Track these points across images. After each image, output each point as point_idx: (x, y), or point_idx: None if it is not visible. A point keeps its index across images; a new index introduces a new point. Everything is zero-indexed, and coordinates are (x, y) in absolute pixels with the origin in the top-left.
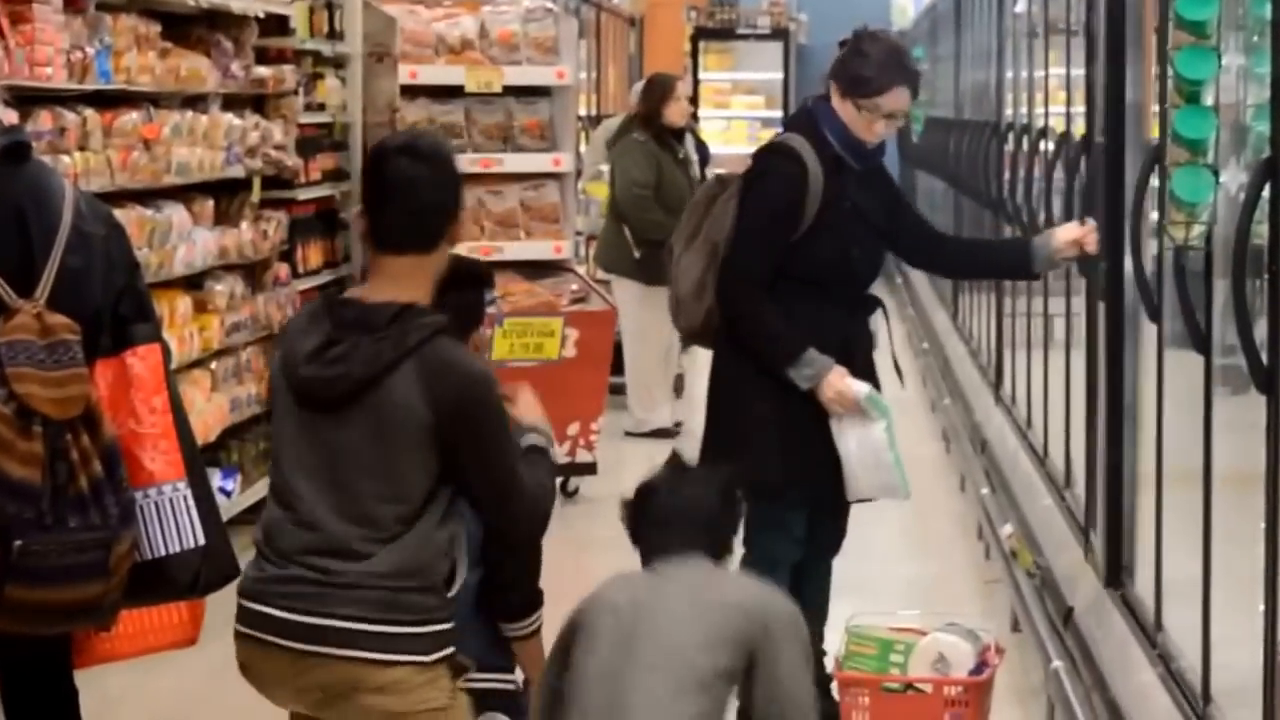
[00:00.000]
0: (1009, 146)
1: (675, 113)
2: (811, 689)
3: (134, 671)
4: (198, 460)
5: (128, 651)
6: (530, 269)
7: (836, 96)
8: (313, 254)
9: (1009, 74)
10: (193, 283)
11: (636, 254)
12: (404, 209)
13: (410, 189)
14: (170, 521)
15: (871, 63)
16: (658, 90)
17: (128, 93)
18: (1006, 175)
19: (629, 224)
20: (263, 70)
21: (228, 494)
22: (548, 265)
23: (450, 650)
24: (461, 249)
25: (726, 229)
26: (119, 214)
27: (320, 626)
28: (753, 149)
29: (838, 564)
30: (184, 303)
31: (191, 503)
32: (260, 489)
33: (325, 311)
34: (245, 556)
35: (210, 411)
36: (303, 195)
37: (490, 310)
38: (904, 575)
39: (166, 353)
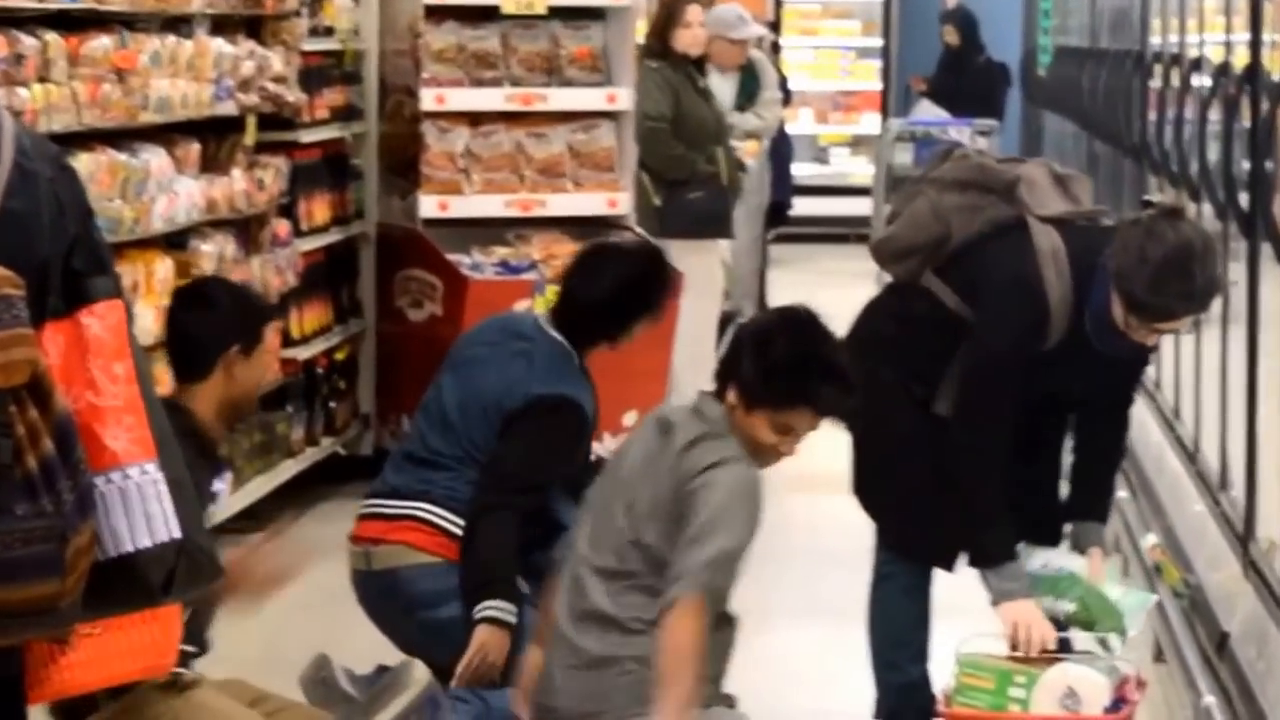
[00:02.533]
0: (1155, 81)
1: (685, 40)
2: None
3: None
4: (169, 440)
5: (91, 680)
6: (579, 226)
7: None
8: (318, 208)
9: None
10: (174, 242)
11: (657, 200)
12: None
13: None
14: (138, 511)
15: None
16: (662, 13)
17: (97, 13)
18: (1152, 116)
19: (644, 164)
20: None
21: (215, 497)
22: (600, 222)
23: None
24: (498, 201)
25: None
26: (86, 158)
27: None
28: (846, 83)
29: (945, 580)
30: (164, 265)
31: (164, 488)
32: (255, 489)
33: None
34: None
35: None
36: (307, 138)
37: (529, 276)
38: None
39: (129, 313)
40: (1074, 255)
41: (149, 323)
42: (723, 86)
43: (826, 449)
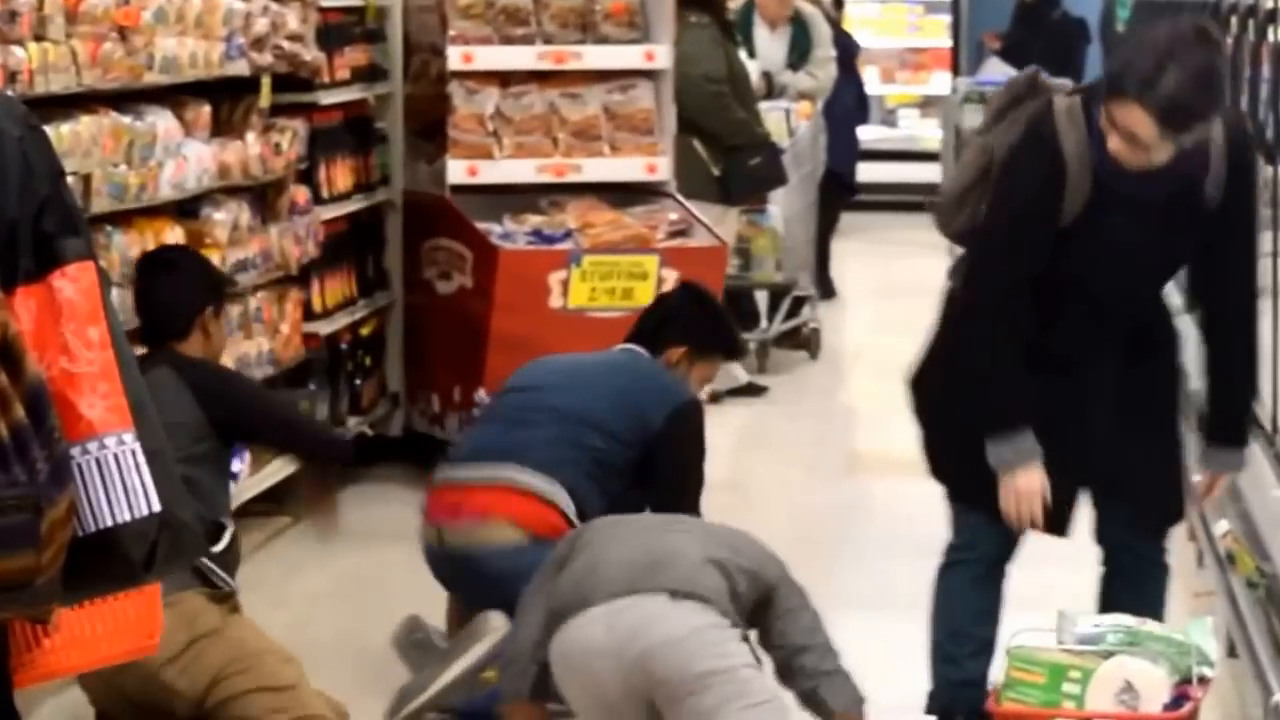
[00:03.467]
0: (1232, 32)
1: None
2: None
3: None
4: (147, 408)
5: (77, 663)
6: (617, 193)
7: None
8: (340, 174)
9: None
10: (185, 210)
11: (715, 170)
12: None
13: None
14: (116, 483)
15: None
16: None
17: None
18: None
19: (704, 130)
20: None
21: (234, 476)
22: (639, 188)
23: None
24: (530, 166)
25: None
26: (88, 120)
27: None
28: (913, 40)
29: None
30: (174, 234)
31: (141, 458)
32: (276, 471)
33: None
34: (255, 557)
35: None
36: (326, 99)
37: (564, 245)
38: (1082, 584)
39: (106, 279)
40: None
41: None
42: (772, 44)
43: (905, 431)
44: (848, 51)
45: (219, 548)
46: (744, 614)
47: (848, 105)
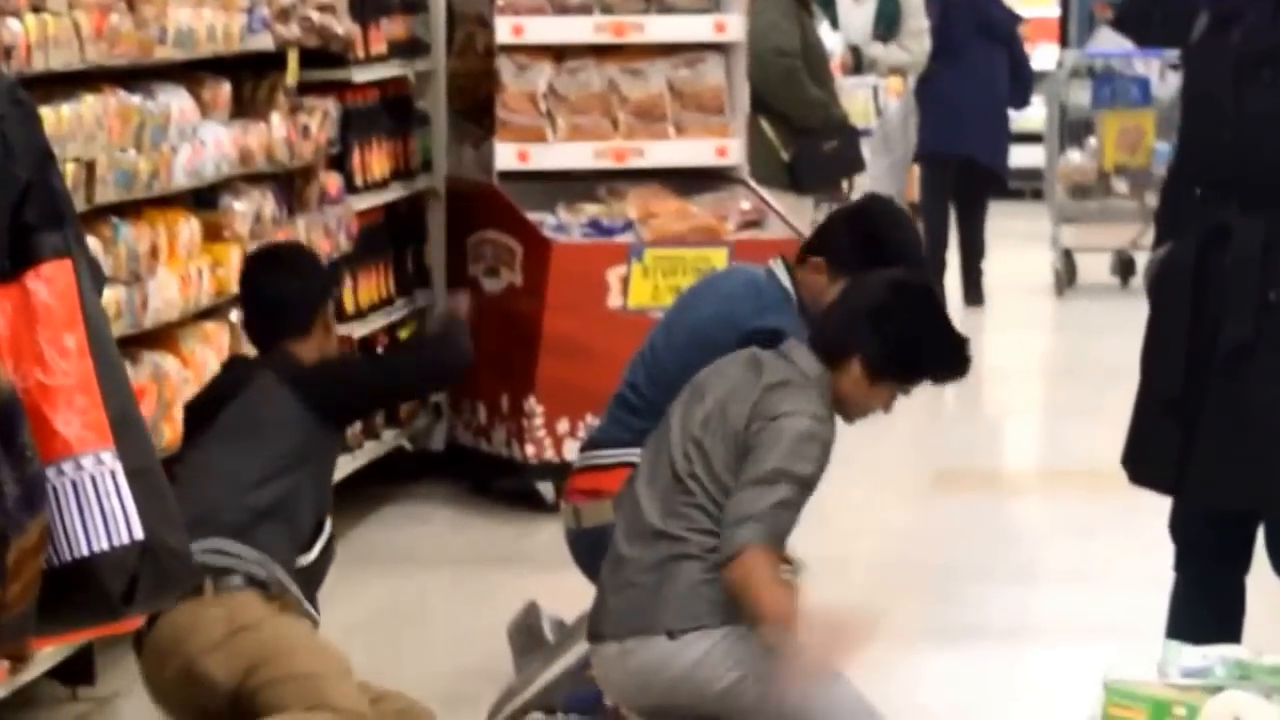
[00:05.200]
0: None
1: None
2: None
3: None
4: (134, 422)
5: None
6: (684, 179)
7: None
8: (376, 160)
9: None
10: (203, 199)
11: (785, 155)
12: None
13: None
14: (93, 508)
15: None
16: None
17: None
18: None
19: (774, 110)
20: None
21: None
22: (708, 174)
23: None
24: (587, 150)
25: None
26: (92, 100)
27: None
28: (1018, 8)
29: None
30: (189, 227)
31: (122, 480)
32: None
33: None
34: None
35: None
36: (360, 76)
37: (624, 238)
38: None
39: (98, 276)
40: None
41: (173, 292)
42: (856, 13)
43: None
44: (1001, 24)
45: (308, 559)
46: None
47: (995, 85)
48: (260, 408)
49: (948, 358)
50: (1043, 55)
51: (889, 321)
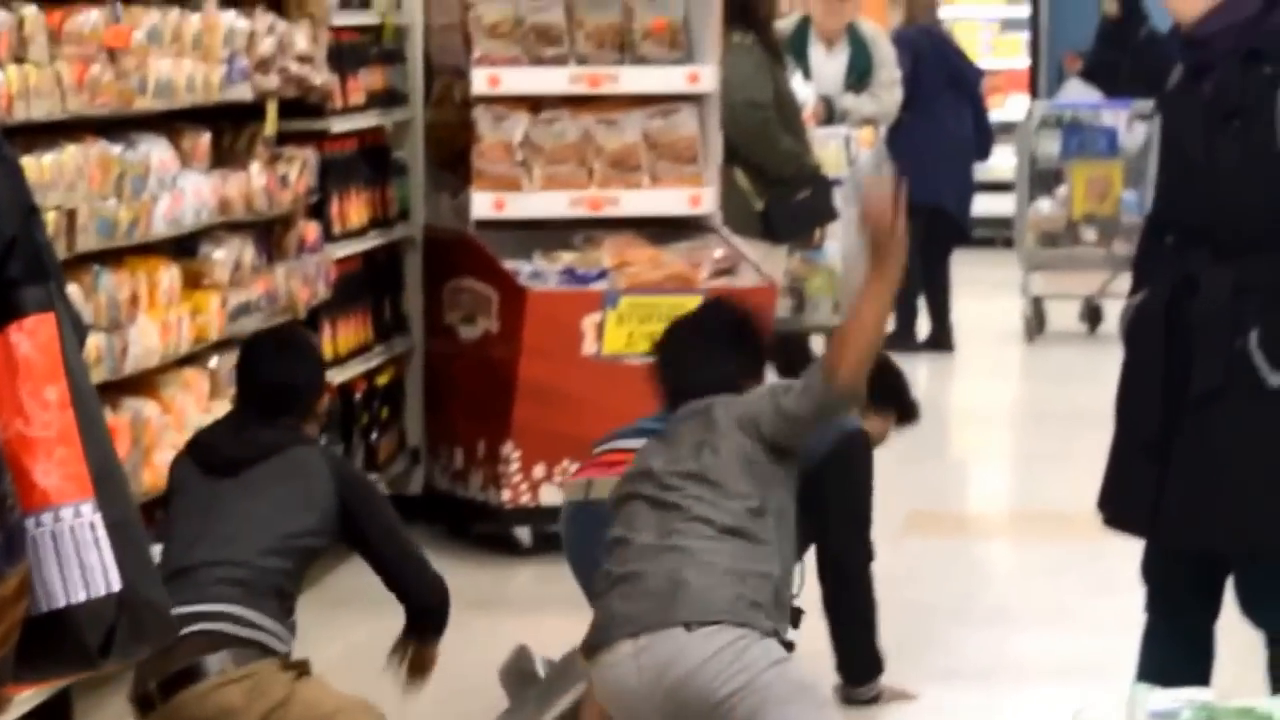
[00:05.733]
0: None
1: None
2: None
3: None
4: (114, 474)
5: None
6: (658, 228)
7: None
8: (354, 208)
9: None
10: (183, 247)
11: (759, 204)
12: None
13: None
14: (72, 559)
15: None
16: None
17: None
18: None
19: (748, 160)
20: None
21: None
22: (681, 223)
23: None
24: (563, 199)
25: None
26: (74, 150)
27: None
28: (988, 60)
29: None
30: (169, 275)
31: (102, 532)
32: None
33: None
34: None
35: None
36: (339, 126)
37: (599, 285)
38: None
39: (79, 327)
40: None
41: (154, 340)
42: (828, 64)
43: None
44: (966, 77)
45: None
46: (782, 532)
47: (962, 137)
48: (306, 484)
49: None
50: (1012, 106)
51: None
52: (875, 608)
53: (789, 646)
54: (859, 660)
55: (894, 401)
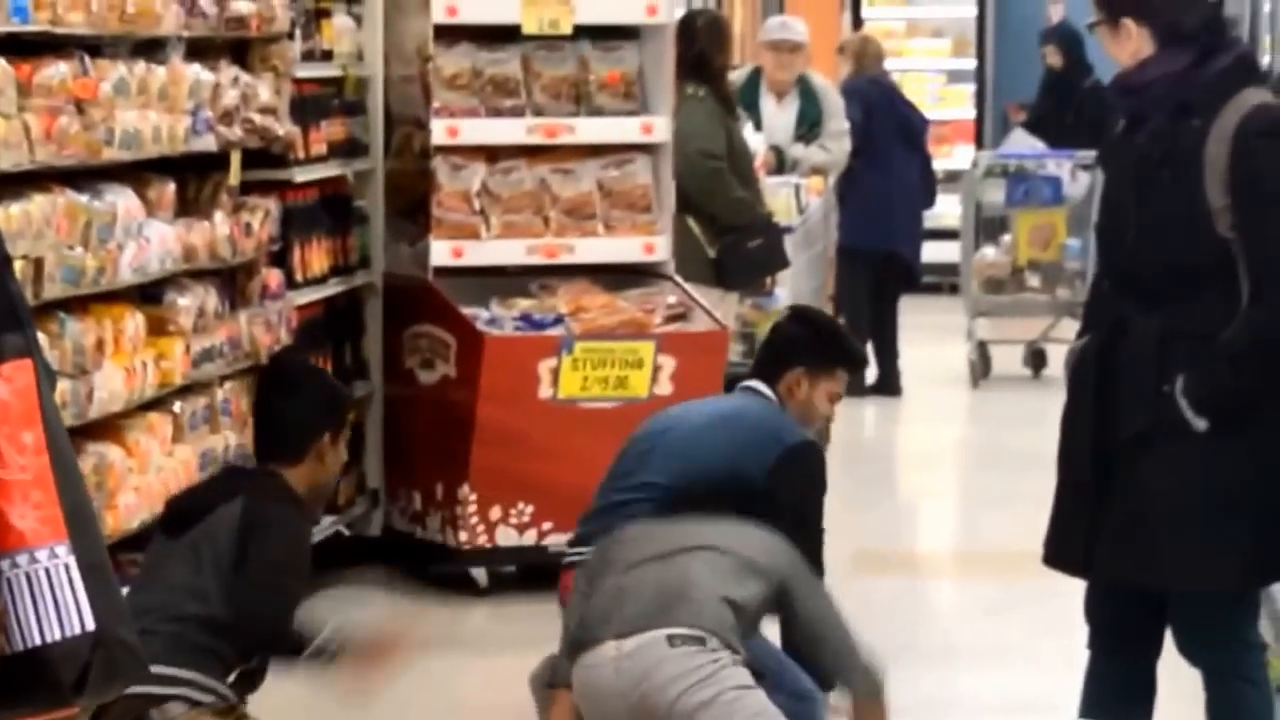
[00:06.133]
0: None
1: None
2: None
3: None
4: (86, 516)
5: None
6: (612, 275)
7: None
8: (315, 256)
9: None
10: (147, 295)
11: (711, 251)
12: None
13: None
14: (47, 599)
15: None
16: (706, 29)
17: (53, 36)
18: None
19: (701, 209)
20: (244, 6)
21: None
22: (636, 270)
23: None
24: (519, 247)
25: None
26: (41, 200)
27: None
28: (935, 111)
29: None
30: (134, 321)
31: (75, 573)
32: None
33: None
34: None
35: (172, 470)
36: (301, 176)
37: (555, 331)
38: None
39: (49, 373)
40: None
41: (118, 385)
42: (779, 115)
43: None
44: (915, 128)
45: (249, 665)
46: (755, 621)
47: (912, 184)
48: (212, 545)
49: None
50: (959, 155)
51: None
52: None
53: (759, 677)
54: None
55: (835, 356)
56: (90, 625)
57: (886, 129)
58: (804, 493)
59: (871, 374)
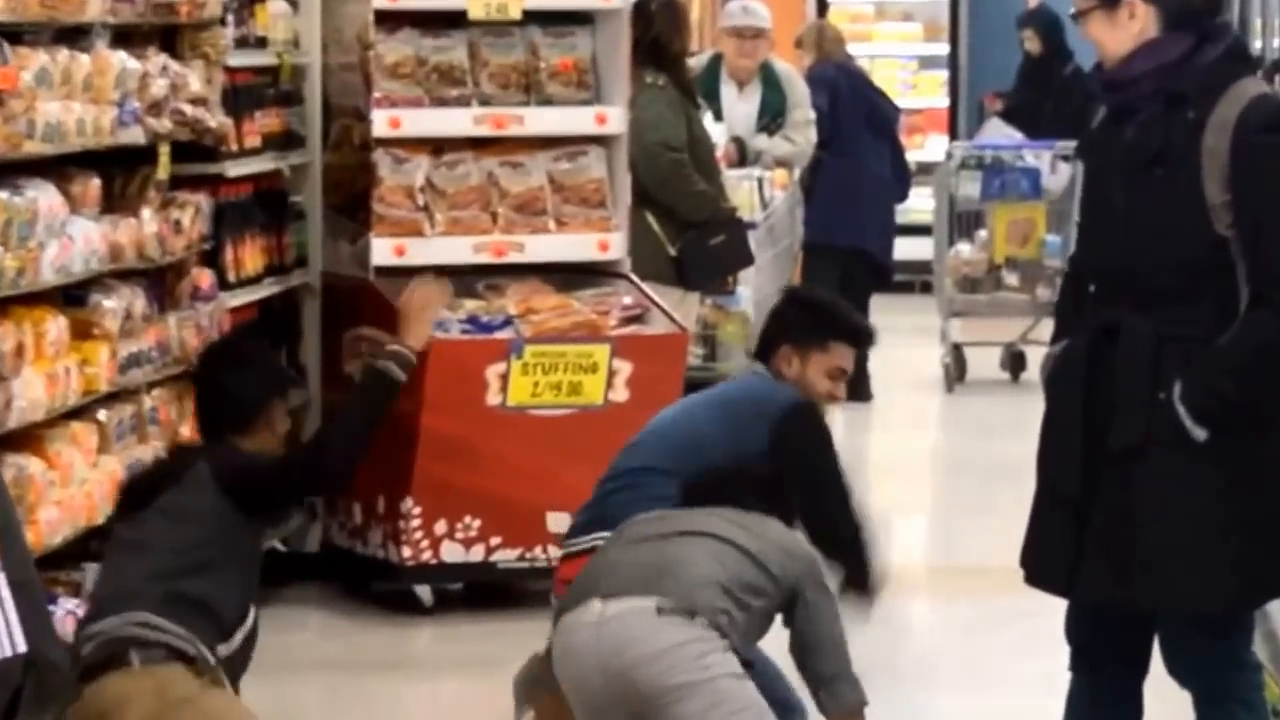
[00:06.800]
0: None
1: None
2: None
3: None
4: (14, 535)
5: None
6: (564, 274)
7: None
8: (249, 255)
9: None
10: (71, 296)
11: (672, 249)
12: None
13: None
14: None
15: None
16: (663, 11)
17: None
18: None
19: (660, 204)
20: None
21: None
22: (589, 269)
23: None
24: (466, 245)
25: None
26: None
27: None
28: (906, 100)
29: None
30: (56, 325)
31: (6, 592)
32: None
33: None
34: None
35: (96, 482)
36: (234, 170)
37: (504, 334)
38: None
39: None
40: None
41: (39, 392)
42: (740, 105)
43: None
44: (885, 117)
45: (230, 648)
46: (757, 620)
47: (883, 177)
48: (190, 498)
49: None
50: (931, 147)
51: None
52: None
53: (748, 666)
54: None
55: (822, 329)
56: (22, 647)
57: (854, 118)
58: (809, 447)
59: None
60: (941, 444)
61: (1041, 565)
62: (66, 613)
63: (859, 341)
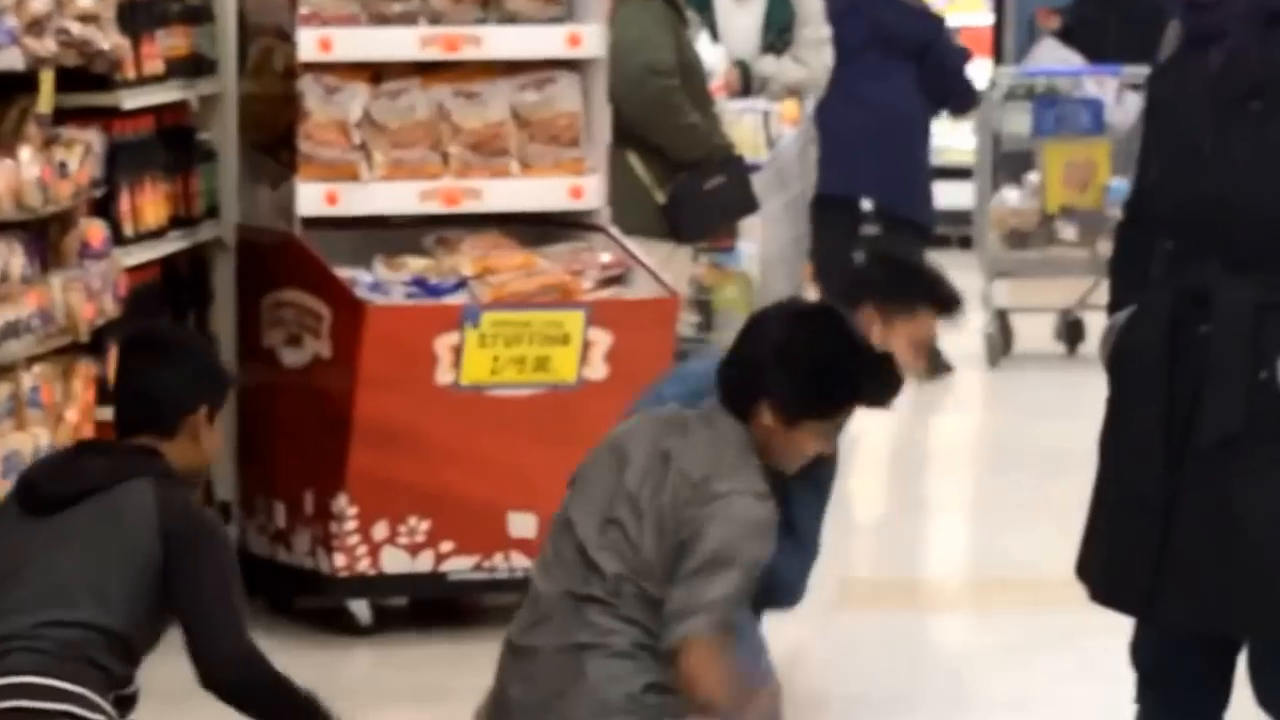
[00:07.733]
0: None
1: None
2: None
3: None
4: None
5: None
6: (530, 227)
7: None
8: (150, 204)
9: None
10: None
11: (660, 195)
12: None
13: None
14: None
15: None
16: None
17: None
18: None
19: (645, 141)
20: None
21: None
22: (560, 220)
23: None
24: (411, 191)
25: None
26: None
27: None
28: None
29: None
30: None
31: None
32: None
33: None
34: None
35: None
36: (131, 102)
37: (456, 299)
38: None
39: None
40: None
41: None
42: (739, 16)
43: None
44: (906, 36)
45: (129, 690)
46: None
47: (904, 111)
48: (120, 520)
49: (869, 378)
50: (973, 73)
51: (793, 356)
52: None
53: None
54: None
55: (923, 294)
56: None
57: (855, 42)
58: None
59: None
60: (984, 430)
61: (1112, 581)
62: None
63: (950, 310)
